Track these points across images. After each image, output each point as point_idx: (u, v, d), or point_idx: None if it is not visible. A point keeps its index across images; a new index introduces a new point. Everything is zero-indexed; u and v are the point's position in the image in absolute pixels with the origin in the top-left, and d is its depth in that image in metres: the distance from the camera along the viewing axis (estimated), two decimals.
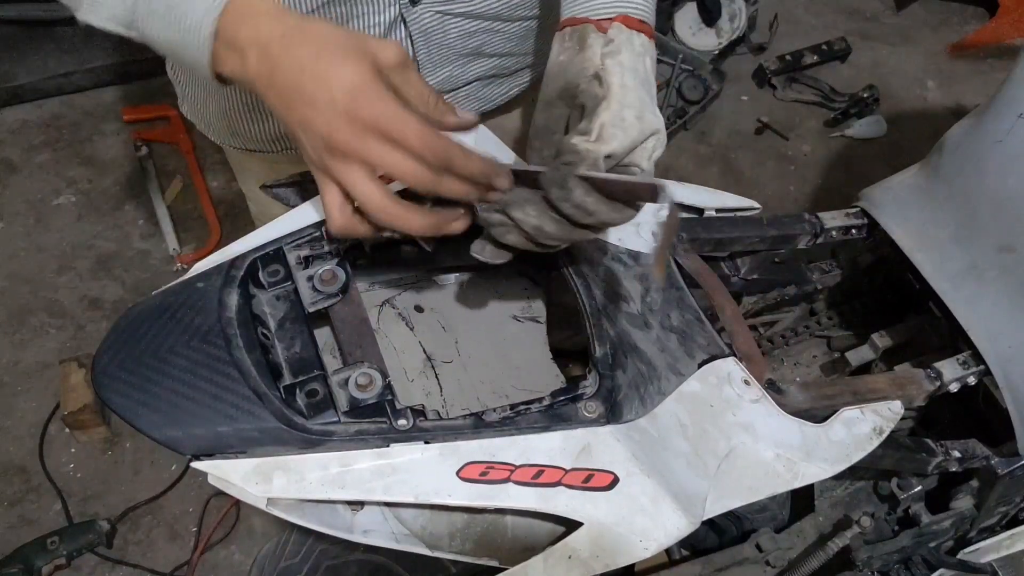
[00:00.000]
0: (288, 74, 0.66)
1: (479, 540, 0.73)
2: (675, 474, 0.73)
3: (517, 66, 1.09)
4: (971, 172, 1.02)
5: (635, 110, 0.73)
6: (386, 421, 0.70)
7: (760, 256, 1.10)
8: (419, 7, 0.95)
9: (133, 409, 0.68)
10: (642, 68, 0.76)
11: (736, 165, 2.69)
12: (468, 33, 0.99)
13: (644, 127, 0.73)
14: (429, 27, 0.97)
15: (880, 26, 3.14)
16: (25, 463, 1.98)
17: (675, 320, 0.87)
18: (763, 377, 0.86)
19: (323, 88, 0.65)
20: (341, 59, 0.65)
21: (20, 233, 2.43)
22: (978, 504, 1.08)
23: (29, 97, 2.75)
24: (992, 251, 0.99)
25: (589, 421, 0.73)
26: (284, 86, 0.66)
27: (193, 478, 1.95)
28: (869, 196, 1.15)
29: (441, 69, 1.02)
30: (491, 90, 1.10)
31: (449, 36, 0.98)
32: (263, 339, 0.75)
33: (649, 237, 0.94)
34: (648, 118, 0.74)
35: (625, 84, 0.74)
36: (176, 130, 2.66)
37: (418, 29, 0.96)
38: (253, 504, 0.68)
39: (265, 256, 0.80)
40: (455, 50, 1.00)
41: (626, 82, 0.74)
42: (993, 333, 0.99)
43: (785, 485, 0.79)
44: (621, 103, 0.73)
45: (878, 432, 0.85)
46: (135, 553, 1.86)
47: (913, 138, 2.72)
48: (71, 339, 2.20)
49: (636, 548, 0.69)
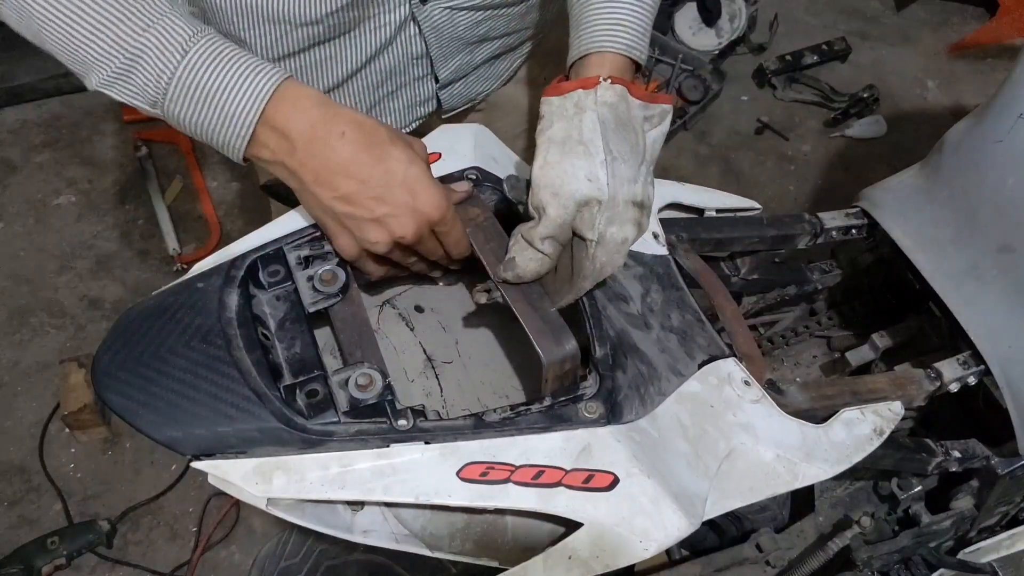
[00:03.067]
0: (333, 155, 0.73)
1: (479, 540, 0.73)
2: (675, 475, 0.73)
3: (519, 40, 1.11)
4: (971, 172, 1.02)
5: (551, 188, 0.74)
6: (386, 421, 0.70)
7: (760, 256, 1.10)
8: (429, 5, 0.96)
9: (133, 409, 0.68)
10: (576, 133, 0.75)
11: (736, 165, 2.69)
12: (476, 22, 1.01)
13: (564, 201, 0.73)
14: (439, 23, 0.99)
15: (880, 26, 3.14)
16: (25, 463, 1.98)
17: (675, 320, 0.87)
18: (763, 377, 0.86)
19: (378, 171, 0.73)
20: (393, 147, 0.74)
21: (20, 233, 2.43)
22: (978, 504, 1.08)
23: (29, 97, 2.75)
24: (992, 251, 0.99)
25: (589, 422, 0.73)
26: (325, 165, 0.73)
27: (193, 478, 1.95)
28: (869, 196, 1.15)
29: (452, 60, 1.04)
30: (496, 68, 1.13)
31: (458, 28, 1.01)
32: (263, 339, 0.74)
33: (649, 237, 0.94)
34: (569, 189, 0.73)
35: (547, 162, 0.74)
36: (176, 130, 2.65)
37: (429, 26, 0.98)
38: (253, 504, 0.68)
39: (265, 256, 0.80)
40: (464, 40, 1.03)
41: (548, 159, 0.75)
42: (993, 333, 0.99)
43: (785, 486, 0.79)
44: (538, 184, 0.75)
45: (878, 433, 0.85)
46: (135, 553, 1.86)
47: (913, 138, 2.72)
48: (71, 339, 2.20)
49: (636, 549, 0.69)
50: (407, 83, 1.06)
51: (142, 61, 0.72)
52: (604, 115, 0.75)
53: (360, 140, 0.73)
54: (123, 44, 0.72)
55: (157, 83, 0.72)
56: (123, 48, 0.72)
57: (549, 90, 0.77)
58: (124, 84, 0.73)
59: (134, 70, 0.72)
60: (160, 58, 0.72)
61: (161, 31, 0.72)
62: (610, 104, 0.75)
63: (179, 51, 0.72)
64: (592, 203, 0.73)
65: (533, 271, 0.77)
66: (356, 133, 0.73)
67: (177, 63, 0.72)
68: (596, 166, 0.73)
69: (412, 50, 1.02)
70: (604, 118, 0.75)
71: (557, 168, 0.74)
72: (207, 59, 0.72)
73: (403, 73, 1.04)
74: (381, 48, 0.99)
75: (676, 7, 2.87)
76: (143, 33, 0.72)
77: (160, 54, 0.72)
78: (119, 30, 0.71)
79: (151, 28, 0.72)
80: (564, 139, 0.74)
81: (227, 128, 0.73)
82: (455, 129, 0.94)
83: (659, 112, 0.79)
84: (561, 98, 0.76)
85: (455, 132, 0.94)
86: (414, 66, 1.04)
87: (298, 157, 0.74)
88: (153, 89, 0.73)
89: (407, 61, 1.03)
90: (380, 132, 0.74)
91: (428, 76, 1.06)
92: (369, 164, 0.73)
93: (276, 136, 0.74)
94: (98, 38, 0.72)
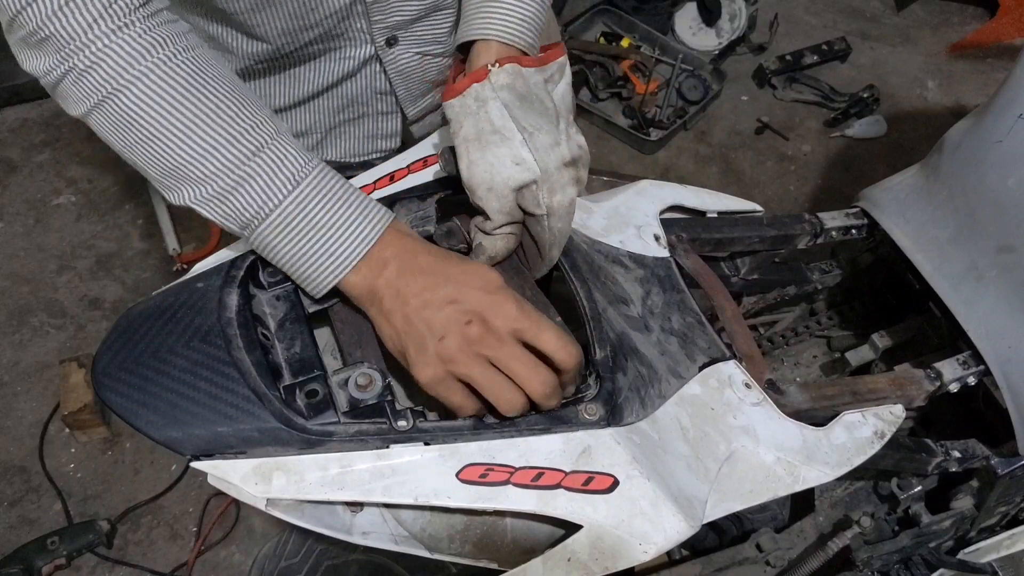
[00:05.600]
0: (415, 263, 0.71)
1: (479, 542, 0.73)
2: (675, 477, 0.73)
3: None
4: (971, 172, 1.02)
5: (484, 184, 0.74)
6: (386, 422, 0.70)
7: (760, 256, 1.10)
8: (396, 48, 0.96)
9: (133, 409, 0.68)
10: (486, 124, 0.75)
11: (736, 165, 2.69)
12: (447, 67, 1.02)
13: (500, 192, 0.74)
14: (407, 67, 1.00)
15: (880, 26, 3.14)
16: (25, 463, 1.98)
17: (676, 323, 0.87)
18: (763, 377, 0.86)
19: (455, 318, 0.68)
20: (481, 289, 0.70)
21: (20, 233, 2.43)
22: (978, 504, 1.08)
23: (29, 96, 2.75)
24: (992, 251, 0.99)
25: (589, 423, 0.73)
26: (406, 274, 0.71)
27: (193, 478, 1.95)
28: (869, 196, 1.15)
29: (421, 100, 1.06)
30: None
31: (429, 73, 1.02)
32: (263, 339, 0.74)
33: (650, 239, 0.94)
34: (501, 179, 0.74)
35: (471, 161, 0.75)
36: None
37: (395, 69, 0.99)
38: (252, 505, 0.68)
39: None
40: (435, 82, 1.04)
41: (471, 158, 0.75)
42: (993, 333, 0.99)
43: (786, 489, 0.79)
44: (471, 185, 0.75)
45: (879, 436, 0.85)
46: (135, 553, 1.86)
47: (913, 138, 2.72)
48: (71, 339, 2.20)
49: (636, 551, 0.69)
50: (370, 115, 1.06)
51: (247, 186, 0.70)
52: (505, 98, 0.75)
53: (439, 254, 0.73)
54: (232, 167, 0.69)
55: (259, 210, 0.70)
56: (230, 171, 0.69)
57: (447, 94, 0.77)
58: (220, 205, 0.71)
59: (236, 193, 0.70)
60: (269, 186, 0.69)
61: (273, 157, 0.70)
62: (507, 85, 0.75)
63: (290, 182, 0.70)
64: (528, 183, 0.74)
65: (503, 250, 0.79)
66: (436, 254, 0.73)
67: (286, 194, 0.70)
68: (517, 147, 0.74)
69: (376, 85, 1.03)
70: (507, 101, 0.75)
71: (482, 164, 0.74)
72: (318, 193, 0.70)
73: (366, 104, 1.05)
74: (344, 78, 1.00)
75: (676, 7, 2.87)
76: (254, 157, 0.69)
77: (270, 182, 0.69)
78: (230, 152, 0.69)
79: (262, 152, 0.70)
80: (478, 135, 0.75)
81: (323, 264, 0.71)
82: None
83: (556, 67, 0.80)
84: (460, 98, 0.76)
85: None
86: (378, 100, 1.05)
87: (393, 286, 0.72)
88: (251, 214, 0.70)
89: (370, 94, 1.04)
90: (467, 274, 0.71)
91: (394, 114, 1.06)
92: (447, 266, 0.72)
93: (373, 265, 0.72)
94: (207, 159, 0.69)
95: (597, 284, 0.85)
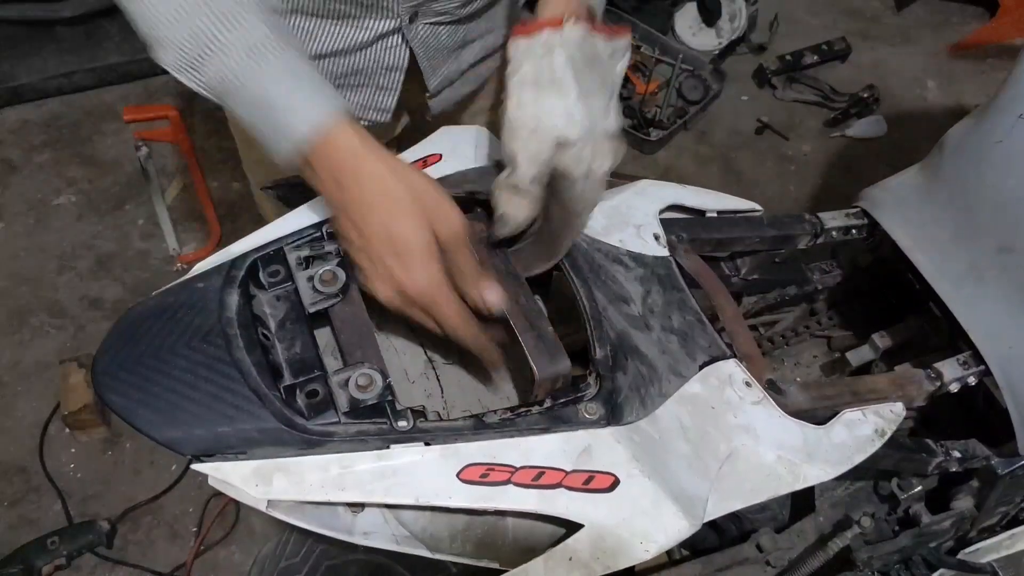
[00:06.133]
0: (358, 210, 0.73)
1: (480, 542, 0.73)
2: (676, 476, 0.73)
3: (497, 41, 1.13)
4: (971, 172, 1.02)
5: (529, 127, 0.74)
6: (386, 422, 0.70)
7: (760, 256, 1.10)
8: (416, 23, 0.98)
9: (133, 409, 0.68)
10: (547, 72, 0.75)
11: (736, 165, 2.69)
12: (453, 30, 1.03)
13: (543, 137, 0.74)
14: (425, 37, 1.01)
15: (880, 26, 3.14)
16: (25, 463, 1.98)
17: (676, 322, 0.87)
18: (763, 377, 0.86)
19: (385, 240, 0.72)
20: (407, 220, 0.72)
21: (20, 233, 2.43)
22: (978, 504, 1.07)
23: (29, 97, 2.75)
24: (992, 251, 0.99)
25: (590, 423, 0.73)
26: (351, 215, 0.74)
27: (193, 478, 1.95)
28: (869, 196, 1.15)
29: (439, 71, 1.06)
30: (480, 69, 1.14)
31: (441, 38, 1.03)
32: (263, 339, 0.74)
33: (650, 239, 0.94)
34: (547, 126, 0.74)
35: (521, 102, 0.75)
36: (176, 130, 2.65)
37: (418, 42, 1.00)
38: (253, 506, 0.68)
39: (265, 256, 0.80)
40: (447, 48, 1.04)
41: (523, 100, 0.75)
42: (993, 333, 0.99)
43: (787, 487, 0.79)
44: (515, 126, 0.75)
45: (880, 434, 0.85)
46: (135, 553, 1.86)
47: (913, 138, 2.72)
48: (71, 339, 2.20)
49: (637, 550, 0.69)
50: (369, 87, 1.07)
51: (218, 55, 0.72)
52: (573, 53, 0.75)
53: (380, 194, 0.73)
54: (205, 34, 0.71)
55: (227, 78, 0.72)
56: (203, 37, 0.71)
57: (517, 30, 0.77)
58: (193, 73, 0.74)
59: (208, 61, 0.72)
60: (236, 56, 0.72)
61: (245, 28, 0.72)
62: (578, 42, 0.76)
63: (257, 51, 0.72)
64: (572, 141, 0.74)
65: (525, 217, 0.78)
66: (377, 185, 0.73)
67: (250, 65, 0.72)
68: (571, 103, 0.74)
69: (385, 59, 1.03)
70: (573, 56, 0.75)
71: (533, 107, 0.74)
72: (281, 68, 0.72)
73: (369, 76, 1.05)
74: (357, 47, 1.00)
75: (676, 7, 2.87)
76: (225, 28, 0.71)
77: (238, 51, 0.71)
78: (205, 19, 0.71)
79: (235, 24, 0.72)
80: (536, 79, 0.75)
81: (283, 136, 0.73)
82: (456, 131, 0.95)
83: (622, 46, 0.81)
84: (529, 39, 0.76)
85: (456, 134, 0.94)
86: (383, 75, 1.06)
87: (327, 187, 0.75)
88: (220, 82, 0.73)
89: (376, 68, 1.04)
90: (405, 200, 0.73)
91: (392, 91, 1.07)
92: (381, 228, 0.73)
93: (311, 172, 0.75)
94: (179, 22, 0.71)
95: (597, 283, 0.85)
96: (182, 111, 2.71)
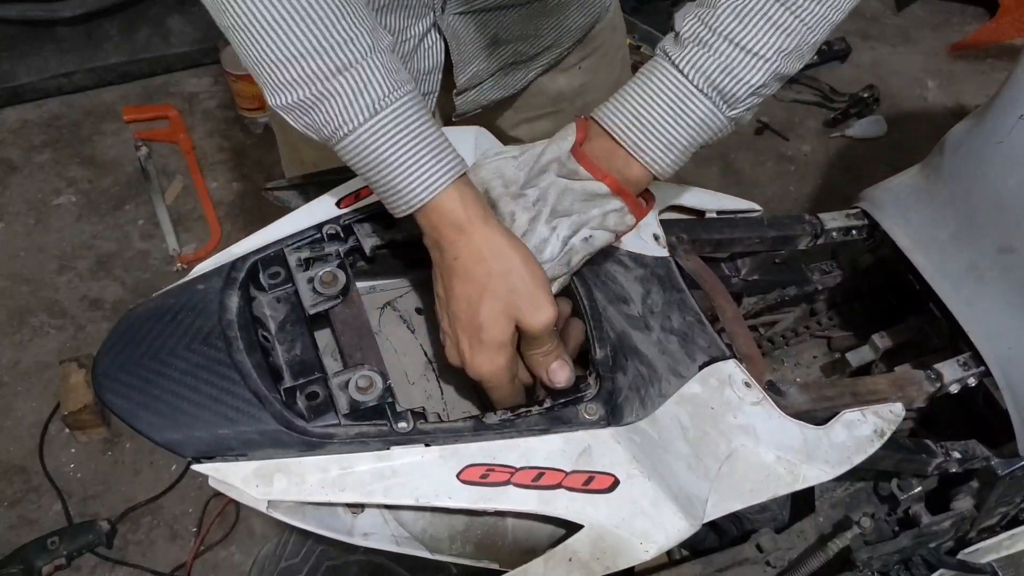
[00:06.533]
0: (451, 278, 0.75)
1: (480, 543, 0.73)
2: (676, 476, 0.73)
3: (533, 50, 1.12)
4: (972, 173, 1.02)
5: None
6: (386, 423, 0.70)
7: (760, 257, 1.10)
8: (446, 12, 0.98)
9: (133, 411, 0.68)
10: None
11: (736, 165, 2.69)
12: (482, 23, 1.03)
13: None
14: (456, 28, 1.01)
15: (880, 26, 3.14)
16: (25, 463, 1.98)
17: (676, 322, 0.87)
18: (763, 378, 0.86)
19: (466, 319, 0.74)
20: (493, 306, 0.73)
21: (20, 233, 2.43)
22: (978, 505, 1.07)
23: (29, 97, 2.75)
24: (992, 252, 0.99)
25: (589, 423, 0.73)
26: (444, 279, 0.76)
27: (193, 479, 1.95)
28: (869, 196, 1.15)
29: (469, 65, 1.06)
30: (511, 77, 1.14)
31: (470, 30, 1.02)
32: (263, 341, 0.74)
33: (650, 239, 0.94)
34: None
35: None
36: (176, 130, 2.66)
37: (451, 33, 1.01)
38: (253, 507, 0.68)
39: (266, 258, 0.80)
40: (477, 43, 1.04)
41: None
42: (993, 334, 0.99)
43: (786, 487, 0.79)
44: None
45: (879, 434, 0.85)
46: (135, 553, 1.86)
47: (913, 138, 2.72)
48: (71, 339, 2.20)
49: (637, 550, 0.69)
50: None
51: (327, 103, 0.69)
52: None
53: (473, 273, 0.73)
54: (315, 79, 0.68)
55: (333, 133, 0.70)
56: (312, 83, 0.69)
57: (593, 171, 0.78)
58: (301, 115, 0.71)
59: (316, 108, 0.70)
60: (347, 110, 0.69)
61: (356, 78, 0.69)
62: None
63: (368, 110, 0.69)
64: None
65: None
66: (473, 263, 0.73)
67: (361, 122, 0.69)
68: None
69: (427, 63, 1.04)
70: None
71: None
72: (393, 129, 0.70)
73: None
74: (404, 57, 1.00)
75: (676, 7, 2.87)
76: (337, 75, 0.68)
77: (348, 105, 0.69)
78: (316, 63, 0.68)
79: (348, 71, 0.69)
80: None
81: (391, 197, 0.73)
82: (456, 131, 0.94)
83: None
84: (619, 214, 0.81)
85: (456, 134, 0.94)
86: (424, 81, 1.06)
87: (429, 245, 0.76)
88: (328, 133, 0.71)
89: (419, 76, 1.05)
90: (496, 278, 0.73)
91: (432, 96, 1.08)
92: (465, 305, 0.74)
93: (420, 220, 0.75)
94: (292, 64, 0.68)
95: (597, 283, 0.85)
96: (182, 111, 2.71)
